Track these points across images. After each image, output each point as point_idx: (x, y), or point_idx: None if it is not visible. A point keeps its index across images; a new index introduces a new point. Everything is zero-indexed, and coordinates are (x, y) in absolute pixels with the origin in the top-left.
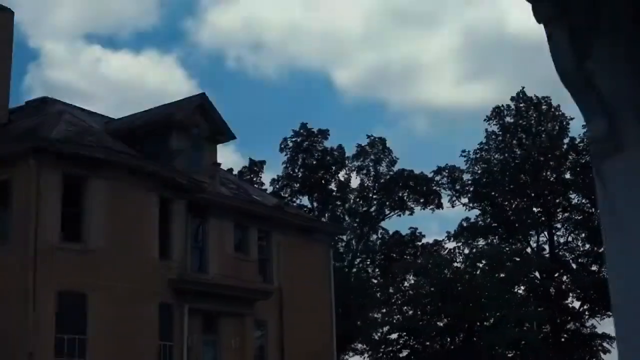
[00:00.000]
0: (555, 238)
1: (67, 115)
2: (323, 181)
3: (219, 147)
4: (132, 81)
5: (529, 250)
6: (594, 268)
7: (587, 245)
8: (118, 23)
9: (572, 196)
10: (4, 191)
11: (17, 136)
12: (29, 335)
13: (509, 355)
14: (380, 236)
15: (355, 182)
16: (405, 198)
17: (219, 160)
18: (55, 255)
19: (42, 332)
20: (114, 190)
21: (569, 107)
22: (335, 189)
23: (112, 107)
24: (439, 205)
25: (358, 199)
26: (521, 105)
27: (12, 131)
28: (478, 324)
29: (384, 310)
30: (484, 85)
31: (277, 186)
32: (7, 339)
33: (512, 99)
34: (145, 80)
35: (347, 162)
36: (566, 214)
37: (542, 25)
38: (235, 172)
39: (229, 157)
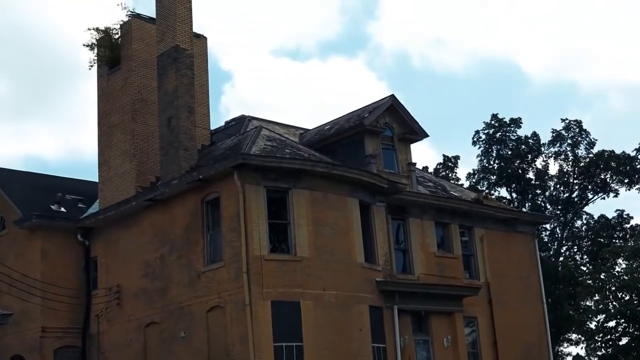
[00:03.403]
0: None
1: (264, 131)
2: (520, 171)
3: (413, 146)
4: (323, 89)
5: None
6: None
7: None
8: (302, 35)
9: None
10: (214, 209)
11: (220, 155)
12: (250, 346)
13: None
14: (585, 222)
15: (553, 168)
16: (608, 180)
17: (413, 160)
18: (266, 266)
19: (261, 341)
20: (316, 199)
21: None
22: (533, 177)
23: (306, 116)
24: None
25: (558, 186)
26: None
27: (215, 151)
28: None
29: (597, 298)
30: None
31: (474, 180)
32: (229, 351)
33: None
34: (336, 87)
35: (543, 148)
36: None
37: None
38: (430, 169)
39: (423, 155)
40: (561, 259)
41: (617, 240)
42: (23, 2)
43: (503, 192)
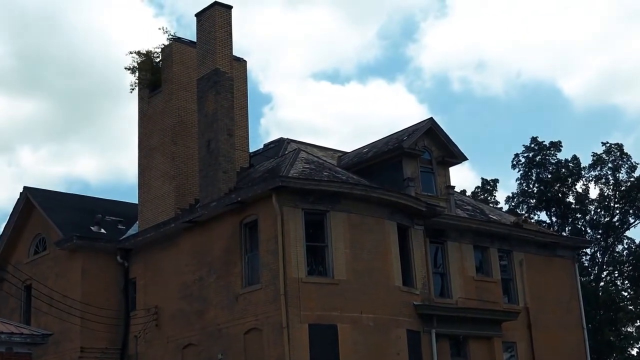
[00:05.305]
0: None
1: (302, 153)
2: (560, 194)
3: (451, 169)
4: (363, 112)
5: None
6: None
7: None
8: (342, 59)
9: None
10: (252, 231)
11: (259, 178)
12: None
13: None
14: (626, 246)
15: (594, 192)
16: None
17: (452, 183)
18: (304, 289)
19: None
20: (354, 221)
21: None
22: (573, 201)
23: (346, 139)
24: None
25: (599, 210)
26: None
27: (254, 174)
28: None
29: (639, 324)
30: None
31: (513, 203)
32: None
33: None
34: (376, 110)
35: (583, 172)
36: None
37: None
38: (468, 192)
39: (461, 178)
40: (602, 284)
41: None
42: (67, 26)
43: (543, 216)
